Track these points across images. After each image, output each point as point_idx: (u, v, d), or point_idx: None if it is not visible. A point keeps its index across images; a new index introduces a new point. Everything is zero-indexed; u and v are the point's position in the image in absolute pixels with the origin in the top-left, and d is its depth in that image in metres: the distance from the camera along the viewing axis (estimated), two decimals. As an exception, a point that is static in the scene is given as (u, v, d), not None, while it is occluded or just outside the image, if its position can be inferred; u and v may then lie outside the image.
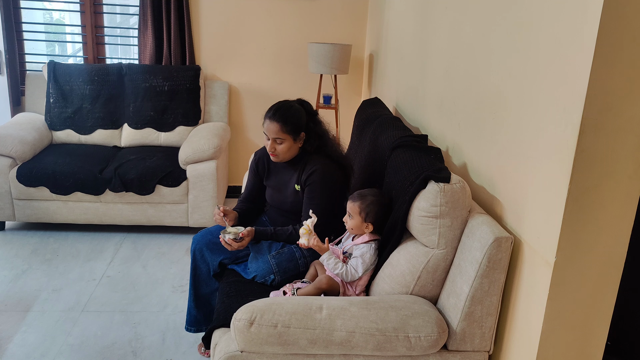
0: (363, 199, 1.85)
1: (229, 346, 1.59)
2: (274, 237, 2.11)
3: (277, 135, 2.06)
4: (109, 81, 3.73)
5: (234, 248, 2.02)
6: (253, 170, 2.31)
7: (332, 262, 1.83)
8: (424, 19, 2.51)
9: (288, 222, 2.18)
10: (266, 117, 2.09)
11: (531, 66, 1.45)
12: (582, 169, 1.25)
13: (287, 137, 2.06)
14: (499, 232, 1.50)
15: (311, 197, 2.08)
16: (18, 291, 2.75)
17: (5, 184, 3.28)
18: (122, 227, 3.55)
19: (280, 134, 2.05)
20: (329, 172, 2.10)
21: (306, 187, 2.10)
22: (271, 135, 2.07)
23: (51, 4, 4.54)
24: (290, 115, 2.07)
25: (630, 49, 1.17)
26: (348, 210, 1.88)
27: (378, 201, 1.85)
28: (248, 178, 2.36)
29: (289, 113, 2.07)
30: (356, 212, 1.84)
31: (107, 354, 2.29)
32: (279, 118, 2.05)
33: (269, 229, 2.12)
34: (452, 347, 1.61)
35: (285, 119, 2.05)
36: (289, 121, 2.06)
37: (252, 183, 2.33)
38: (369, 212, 1.83)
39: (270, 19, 3.94)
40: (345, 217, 1.90)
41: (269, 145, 2.09)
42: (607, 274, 1.36)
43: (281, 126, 2.04)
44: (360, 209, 1.84)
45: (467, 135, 1.91)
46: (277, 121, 2.05)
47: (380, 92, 3.48)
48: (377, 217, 1.84)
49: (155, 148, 3.72)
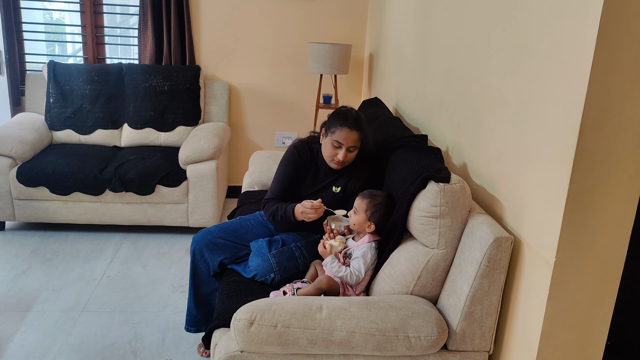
0: (373, 197, 1.87)
1: (228, 346, 1.59)
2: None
3: (354, 144, 2.05)
4: (109, 81, 3.73)
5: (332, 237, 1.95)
6: (295, 162, 2.19)
7: (335, 266, 1.83)
8: (424, 19, 2.51)
9: (293, 225, 2.17)
10: (345, 125, 2.02)
11: (531, 66, 1.45)
12: (582, 169, 1.25)
13: (359, 144, 2.07)
14: (499, 232, 1.50)
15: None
16: (18, 291, 2.75)
17: (5, 184, 3.28)
18: (122, 227, 3.55)
19: (358, 142, 2.06)
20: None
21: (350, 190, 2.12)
22: (348, 144, 2.04)
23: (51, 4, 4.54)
24: (365, 124, 2.08)
25: (630, 49, 1.17)
26: (355, 205, 1.89)
27: (386, 204, 1.86)
28: (282, 172, 2.21)
29: (364, 122, 2.07)
30: (363, 209, 1.86)
31: (107, 354, 2.29)
32: (359, 127, 2.04)
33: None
34: (452, 347, 1.61)
35: (363, 127, 2.05)
36: (365, 130, 2.07)
37: (288, 176, 2.19)
38: (374, 211, 1.84)
39: (270, 19, 3.94)
40: (350, 211, 1.91)
41: (342, 154, 2.04)
42: (607, 274, 1.36)
43: (359, 134, 2.04)
44: (368, 207, 1.85)
45: (467, 135, 1.91)
46: (358, 130, 2.03)
47: (380, 92, 3.48)
48: (382, 219, 1.85)
49: (155, 148, 3.72)
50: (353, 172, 2.15)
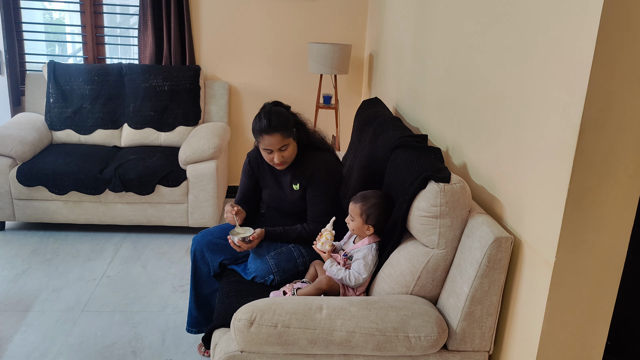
0: (365, 200, 1.83)
1: (229, 346, 1.59)
2: (284, 237, 2.11)
3: (282, 144, 2.03)
4: (109, 81, 3.73)
5: (243, 249, 2.02)
6: (247, 172, 2.26)
7: (334, 269, 1.83)
8: (424, 19, 2.50)
9: (287, 223, 2.17)
10: (262, 133, 2.01)
11: (531, 66, 1.45)
12: (582, 169, 1.25)
13: (289, 140, 2.05)
14: (499, 232, 1.50)
15: (315, 195, 2.09)
16: (18, 291, 2.75)
17: (5, 184, 3.28)
18: (122, 227, 3.55)
19: (284, 140, 2.03)
20: (326, 167, 2.12)
21: (309, 187, 2.10)
22: (276, 147, 2.03)
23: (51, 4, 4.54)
24: (282, 120, 2.03)
25: (630, 49, 1.17)
26: (350, 211, 1.86)
27: (380, 203, 1.83)
28: (242, 180, 2.31)
29: (280, 118, 2.03)
30: (357, 214, 1.83)
31: (107, 354, 2.29)
32: (276, 127, 2.00)
33: (278, 229, 2.11)
34: (452, 347, 1.61)
35: (282, 125, 2.02)
36: (285, 125, 2.03)
37: (246, 185, 2.28)
38: (370, 214, 1.81)
39: (270, 19, 3.94)
40: (347, 218, 1.89)
41: (276, 157, 2.05)
42: (607, 274, 1.36)
43: (281, 134, 2.01)
44: (362, 210, 1.82)
45: (467, 135, 1.91)
46: (277, 131, 2.00)
47: (380, 92, 3.48)
48: (379, 219, 1.83)
49: (155, 148, 3.72)
50: (306, 165, 2.12)
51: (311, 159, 2.11)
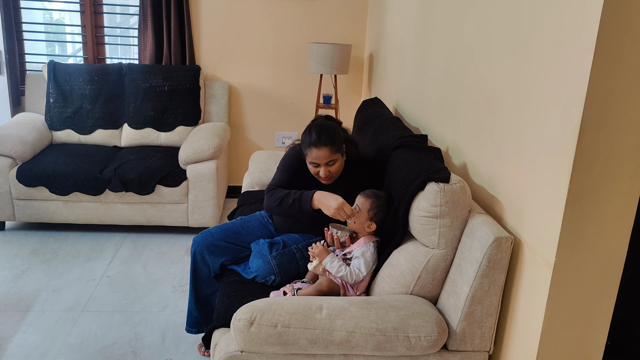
0: (377, 197, 1.87)
1: (229, 346, 1.59)
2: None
3: (329, 159, 2.02)
4: (109, 81, 3.73)
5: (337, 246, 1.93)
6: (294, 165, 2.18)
7: (335, 265, 1.82)
8: (424, 19, 2.51)
9: (294, 226, 2.17)
10: (311, 145, 2.01)
11: (531, 66, 1.45)
12: (582, 169, 1.25)
13: (337, 156, 2.05)
14: (499, 232, 1.50)
15: None
16: (18, 291, 2.75)
17: (5, 184, 3.28)
18: (122, 227, 3.55)
19: (332, 156, 2.02)
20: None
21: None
22: (323, 162, 2.02)
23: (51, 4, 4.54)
24: (332, 135, 2.03)
25: (630, 49, 1.17)
26: (358, 204, 1.88)
27: (387, 206, 1.86)
28: (288, 164, 2.20)
29: (330, 132, 2.03)
30: (366, 208, 1.86)
31: (107, 354, 2.29)
32: (325, 142, 2.00)
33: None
34: (452, 347, 1.61)
35: (331, 140, 2.02)
36: (334, 141, 2.03)
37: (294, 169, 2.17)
38: (377, 212, 1.85)
39: (270, 19, 3.94)
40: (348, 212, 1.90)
41: (322, 172, 2.03)
42: (607, 274, 1.36)
43: (330, 148, 2.01)
44: (372, 206, 1.85)
45: (467, 135, 1.91)
46: (326, 145, 2.00)
47: (380, 92, 3.48)
48: (382, 221, 1.86)
49: (155, 148, 3.72)
50: (350, 182, 2.12)
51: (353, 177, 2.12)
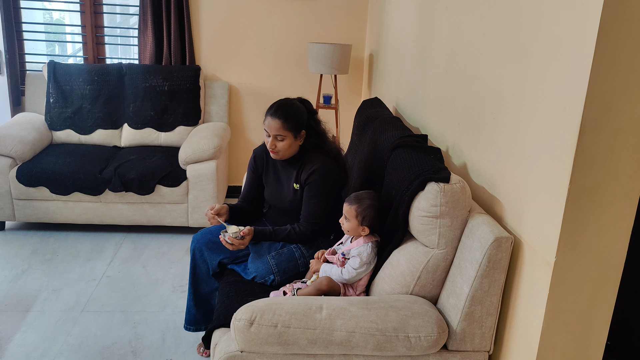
0: (360, 202, 1.83)
1: (229, 346, 1.59)
2: (273, 237, 2.11)
3: (278, 132, 2.06)
4: (109, 81, 3.73)
5: (235, 247, 2.02)
6: (252, 167, 2.30)
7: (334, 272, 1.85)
8: (424, 19, 2.51)
9: (288, 222, 2.18)
10: (268, 113, 2.09)
11: (531, 66, 1.45)
12: (582, 169, 1.25)
13: (288, 134, 2.06)
14: (499, 232, 1.50)
15: (311, 195, 2.09)
16: (18, 291, 2.75)
17: (5, 184, 3.28)
18: (122, 227, 3.55)
19: (282, 130, 2.05)
20: (329, 171, 2.10)
21: (306, 186, 2.10)
22: (272, 132, 2.07)
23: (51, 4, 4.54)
24: (292, 113, 2.08)
25: (630, 49, 1.17)
26: (344, 212, 1.86)
27: (375, 205, 1.83)
28: (247, 176, 2.35)
29: (290, 110, 2.08)
30: (352, 215, 1.83)
31: (107, 354, 2.29)
32: (280, 115, 2.06)
33: (267, 229, 2.12)
34: (452, 347, 1.61)
35: (287, 116, 2.06)
36: (290, 118, 2.06)
37: (250, 181, 2.32)
38: (365, 215, 1.81)
39: (270, 19, 3.94)
40: (341, 218, 1.89)
41: (270, 142, 2.09)
42: (607, 274, 1.36)
43: (282, 123, 2.05)
44: (357, 212, 1.82)
45: (467, 135, 1.91)
46: (279, 118, 2.05)
47: (380, 92, 3.48)
48: (374, 220, 1.83)
49: (155, 148, 3.72)
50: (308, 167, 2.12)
51: (314, 161, 2.11)
